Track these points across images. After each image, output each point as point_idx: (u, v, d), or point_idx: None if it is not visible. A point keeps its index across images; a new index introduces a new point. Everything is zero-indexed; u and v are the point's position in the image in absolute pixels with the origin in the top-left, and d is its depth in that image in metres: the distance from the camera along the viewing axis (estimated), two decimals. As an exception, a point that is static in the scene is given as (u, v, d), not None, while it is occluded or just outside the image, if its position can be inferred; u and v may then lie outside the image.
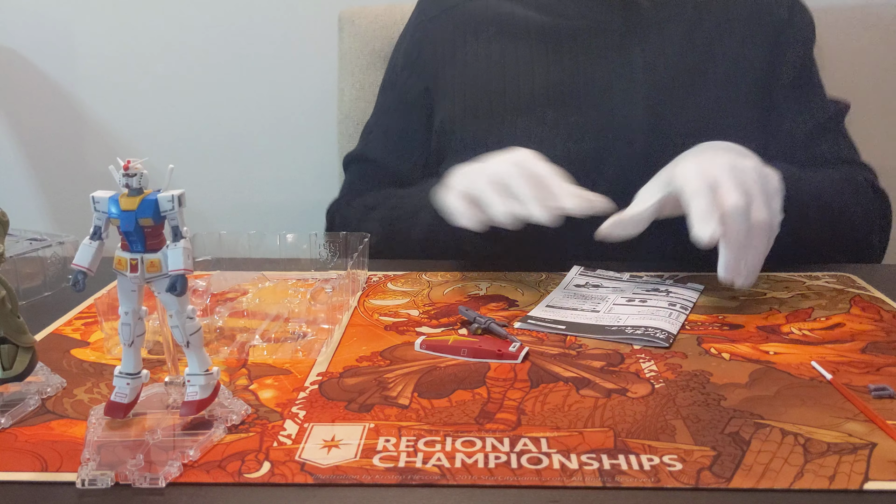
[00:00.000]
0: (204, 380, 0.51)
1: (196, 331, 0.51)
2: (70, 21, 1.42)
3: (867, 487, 0.45)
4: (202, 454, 0.49)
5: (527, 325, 0.67)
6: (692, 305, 0.72)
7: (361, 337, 0.68)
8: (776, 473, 0.46)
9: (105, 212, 0.49)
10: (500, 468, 0.47)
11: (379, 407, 0.55)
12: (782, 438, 0.50)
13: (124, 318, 0.51)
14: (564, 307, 0.71)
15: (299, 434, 0.51)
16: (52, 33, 1.42)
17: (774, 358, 0.63)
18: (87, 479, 0.46)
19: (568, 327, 0.67)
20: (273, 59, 1.42)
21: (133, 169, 0.49)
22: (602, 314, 0.69)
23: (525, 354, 0.62)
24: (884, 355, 0.63)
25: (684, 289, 0.76)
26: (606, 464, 0.48)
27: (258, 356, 0.64)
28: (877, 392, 0.56)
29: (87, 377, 0.61)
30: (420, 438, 0.51)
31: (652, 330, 0.65)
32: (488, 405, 0.55)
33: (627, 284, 0.77)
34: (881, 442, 0.50)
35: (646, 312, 0.69)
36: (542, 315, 0.69)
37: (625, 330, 0.65)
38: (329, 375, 0.61)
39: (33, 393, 0.57)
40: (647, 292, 0.74)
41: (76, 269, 0.49)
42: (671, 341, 0.64)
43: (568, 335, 0.66)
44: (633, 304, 0.71)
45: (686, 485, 0.46)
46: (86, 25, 1.42)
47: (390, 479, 0.46)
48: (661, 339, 0.64)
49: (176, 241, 0.49)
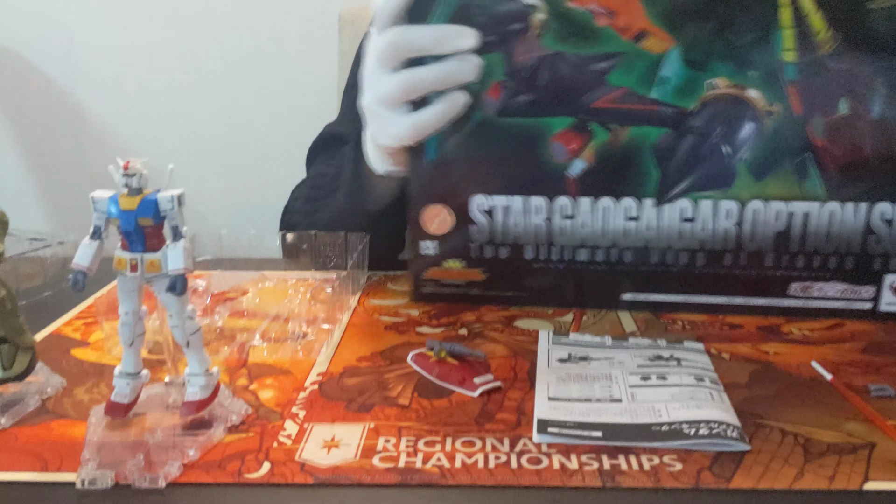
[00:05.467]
0: (204, 380, 0.51)
1: (196, 331, 0.51)
2: (70, 21, 1.42)
3: (867, 487, 0.45)
4: (202, 454, 0.49)
5: (551, 438, 0.51)
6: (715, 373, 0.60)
7: (361, 337, 0.68)
8: (776, 473, 0.46)
9: (105, 212, 0.49)
10: (500, 468, 0.47)
11: (379, 407, 0.55)
12: (782, 438, 0.50)
13: (124, 318, 0.51)
14: (572, 398, 0.56)
15: (299, 434, 0.51)
16: (52, 33, 1.42)
17: (774, 358, 0.63)
18: (87, 479, 0.46)
19: (605, 434, 0.51)
20: (273, 59, 1.42)
21: (133, 169, 0.49)
22: (628, 404, 0.55)
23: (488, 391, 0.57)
24: (884, 355, 0.63)
25: (688, 352, 0.64)
26: (606, 464, 0.48)
27: (258, 356, 0.64)
28: (877, 392, 0.56)
29: (87, 377, 0.61)
30: (420, 438, 0.51)
31: (716, 425, 0.51)
32: (488, 405, 0.55)
33: (619, 352, 0.64)
34: (881, 442, 0.50)
35: (682, 397, 0.55)
36: (559, 417, 0.53)
37: (681, 430, 0.51)
38: (329, 375, 0.61)
39: (33, 393, 0.57)
40: (653, 362, 0.62)
41: (76, 269, 0.49)
42: (747, 438, 0.51)
43: (608, 444, 0.50)
44: (652, 384, 0.58)
45: (686, 485, 0.46)
46: (86, 25, 1.42)
47: (390, 479, 0.46)
48: (734, 437, 0.50)
49: (176, 240, 0.49)
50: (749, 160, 0.66)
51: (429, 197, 0.72)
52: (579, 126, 0.67)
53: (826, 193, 0.66)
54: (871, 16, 0.63)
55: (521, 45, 0.66)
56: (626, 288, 0.72)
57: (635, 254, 0.71)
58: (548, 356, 0.63)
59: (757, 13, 0.64)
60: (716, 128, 0.66)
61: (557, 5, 0.65)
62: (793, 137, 0.66)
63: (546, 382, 0.58)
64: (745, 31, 0.64)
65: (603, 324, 0.70)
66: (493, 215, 0.71)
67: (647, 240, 0.70)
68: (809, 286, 0.69)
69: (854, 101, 0.64)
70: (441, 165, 0.70)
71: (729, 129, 0.66)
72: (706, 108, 0.66)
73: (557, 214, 0.70)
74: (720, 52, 0.64)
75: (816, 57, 0.64)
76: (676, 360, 0.62)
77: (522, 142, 0.68)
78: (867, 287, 0.69)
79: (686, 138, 0.66)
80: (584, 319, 0.72)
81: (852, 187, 0.66)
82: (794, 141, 0.66)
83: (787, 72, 0.64)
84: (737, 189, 0.67)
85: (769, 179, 0.67)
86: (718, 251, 0.69)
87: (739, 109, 0.65)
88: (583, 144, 0.68)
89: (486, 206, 0.71)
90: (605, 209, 0.69)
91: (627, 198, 0.69)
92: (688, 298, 0.72)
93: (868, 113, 0.64)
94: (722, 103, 0.65)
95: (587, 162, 0.68)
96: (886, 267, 0.68)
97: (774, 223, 0.68)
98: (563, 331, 0.69)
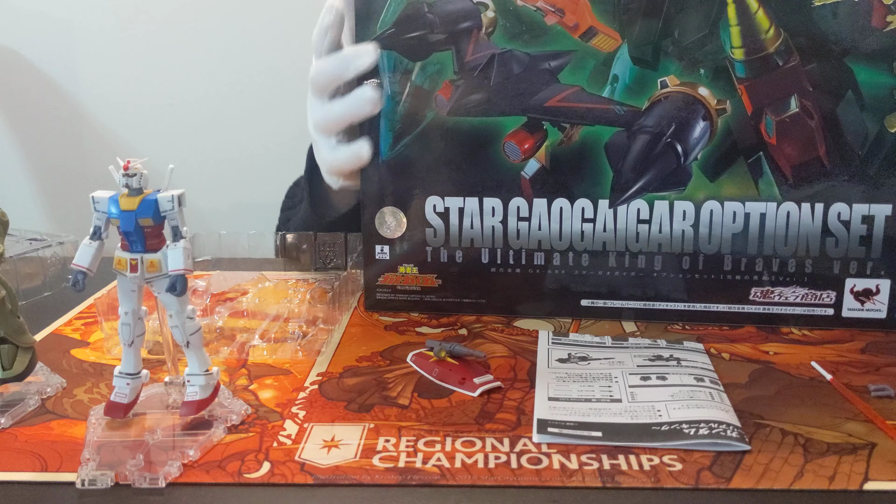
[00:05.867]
0: (204, 380, 0.51)
1: (196, 331, 0.51)
2: (70, 21, 1.42)
3: (867, 487, 0.45)
4: (202, 454, 0.49)
5: (551, 438, 0.51)
6: (715, 373, 0.60)
7: (361, 337, 0.68)
8: (776, 473, 0.46)
9: (105, 212, 0.49)
10: (499, 468, 0.47)
11: (379, 407, 0.55)
12: (782, 438, 0.50)
13: (124, 318, 0.51)
14: (572, 398, 0.56)
15: (299, 434, 0.51)
16: (52, 33, 1.43)
17: (774, 358, 0.63)
18: (87, 479, 0.46)
19: (605, 434, 0.51)
20: (273, 60, 1.42)
21: (133, 169, 0.49)
22: (628, 404, 0.55)
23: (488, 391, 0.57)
24: (884, 355, 0.63)
25: (688, 352, 0.64)
26: (606, 464, 0.48)
27: (258, 356, 0.64)
28: (877, 392, 0.56)
29: (87, 377, 0.61)
30: (420, 438, 0.51)
31: (716, 425, 0.51)
32: (488, 405, 0.55)
33: (619, 353, 0.64)
34: (881, 442, 0.50)
35: (682, 397, 0.55)
36: (559, 417, 0.53)
37: (681, 430, 0.51)
38: (329, 375, 0.61)
39: (33, 393, 0.57)
40: (653, 362, 0.61)
41: (76, 269, 0.49)
42: (747, 438, 0.50)
43: (607, 444, 0.50)
44: (652, 385, 0.58)
45: (686, 485, 0.46)
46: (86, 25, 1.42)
47: (390, 479, 0.46)
48: (734, 437, 0.50)
49: (176, 241, 0.49)
50: (702, 160, 0.66)
51: (382, 199, 0.70)
52: (532, 125, 0.67)
53: (781, 193, 0.66)
54: (816, 12, 0.62)
55: (471, 44, 0.66)
56: (584, 294, 0.71)
57: (593, 257, 0.69)
58: (547, 356, 0.63)
59: (704, 10, 0.63)
60: (668, 127, 0.65)
61: (507, 3, 0.65)
62: (745, 136, 0.65)
63: (546, 382, 0.58)
64: (693, 29, 0.63)
65: (603, 324, 0.70)
66: (448, 217, 0.70)
67: (603, 242, 0.69)
68: (770, 291, 0.68)
69: (803, 99, 0.64)
70: (394, 167, 0.69)
71: (681, 127, 0.65)
72: (658, 107, 0.65)
73: (513, 216, 0.69)
74: (669, 50, 0.64)
75: (764, 54, 0.63)
76: (676, 360, 0.61)
77: (476, 142, 0.67)
78: (828, 292, 0.67)
79: (639, 138, 0.66)
80: (583, 320, 0.72)
81: (807, 187, 0.65)
82: (746, 140, 0.65)
83: (736, 70, 0.64)
84: (692, 189, 0.66)
85: (723, 179, 0.66)
86: (676, 254, 0.68)
87: (691, 108, 0.65)
88: (536, 144, 0.67)
89: (441, 208, 0.70)
90: (561, 210, 0.68)
91: (583, 199, 0.68)
92: (647, 304, 0.70)
93: (817, 110, 0.64)
94: (673, 102, 0.65)
95: (540, 162, 0.67)
96: (847, 271, 0.67)
97: (731, 224, 0.67)
98: (563, 331, 0.69)
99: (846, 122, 0.64)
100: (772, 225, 0.66)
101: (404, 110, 0.68)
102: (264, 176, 1.49)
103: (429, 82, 0.67)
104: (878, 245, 0.66)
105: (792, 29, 0.63)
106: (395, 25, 0.66)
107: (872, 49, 0.62)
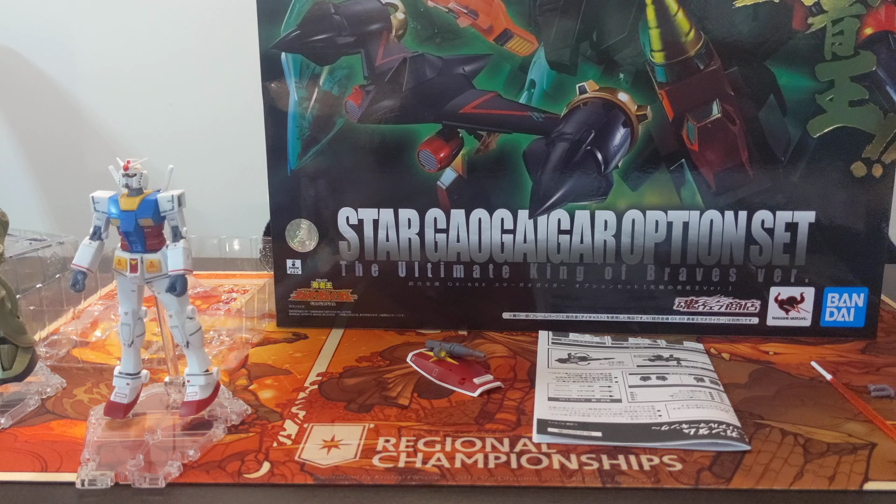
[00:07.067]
0: (204, 380, 0.51)
1: (196, 331, 0.51)
2: (70, 21, 1.42)
3: (867, 488, 0.45)
4: (202, 454, 0.49)
5: (551, 438, 0.51)
6: (715, 373, 0.60)
7: (361, 337, 0.68)
8: (776, 474, 0.46)
9: (105, 212, 0.49)
10: (499, 468, 0.47)
11: (379, 407, 0.55)
12: (782, 438, 0.50)
13: (124, 318, 0.51)
14: (572, 398, 0.56)
15: (299, 434, 0.51)
16: (52, 33, 1.42)
17: (774, 358, 0.63)
18: (87, 480, 0.46)
19: (605, 434, 0.51)
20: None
21: (133, 169, 0.49)
22: (628, 404, 0.55)
23: (488, 391, 0.57)
24: (884, 355, 0.63)
25: (688, 352, 0.64)
26: (606, 464, 0.48)
27: (258, 356, 0.64)
28: (877, 392, 0.56)
29: (87, 377, 0.61)
30: (420, 439, 0.51)
31: (716, 426, 0.51)
32: (488, 405, 0.55)
33: (619, 353, 0.64)
34: (881, 442, 0.50)
35: (682, 397, 0.55)
36: (559, 417, 0.53)
37: (681, 430, 0.51)
38: (329, 376, 0.61)
39: (33, 393, 0.57)
40: (653, 362, 0.61)
41: (76, 269, 0.49)
42: (747, 438, 0.50)
43: (607, 445, 0.50)
44: (652, 385, 0.58)
45: (686, 485, 0.46)
46: (86, 25, 1.42)
47: (390, 479, 0.46)
48: (734, 437, 0.50)
49: (176, 241, 0.49)
50: (623, 168, 0.64)
51: (291, 211, 0.67)
52: (447, 133, 0.64)
53: (704, 202, 0.64)
54: (737, 14, 0.61)
55: (381, 47, 0.63)
56: (505, 306, 0.69)
57: (513, 269, 0.67)
58: (547, 356, 0.63)
59: (623, 12, 0.61)
60: (588, 134, 0.63)
61: (417, 4, 0.62)
62: (666, 143, 0.63)
63: (546, 382, 0.58)
64: (612, 32, 0.61)
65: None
66: (362, 230, 0.67)
67: (524, 253, 0.67)
68: (694, 301, 0.66)
69: (725, 104, 0.62)
70: (303, 176, 0.67)
71: (601, 135, 0.63)
72: (577, 114, 0.63)
73: (430, 228, 0.66)
74: (587, 53, 0.62)
75: (685, 58, 0.61)
76: (676, 361, 0.61)
77: (389, 150, 0.65)
78: (752, 301, 0.66)
79: (558, 145, 0.64)
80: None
81: (730, 194, 0.64)
82: (668, 147, 0.63)
83: (657, 74, 0.62)
84: (613, 198, 0.65)
85: (645, 187, 0.64)
86: (598, 265, 0.66)
87: (611, 114, 0.63)
88: (452, 152, 0.65)
89: (354, 220, 0.67)
90: (480, 221, 0.66)
91: (502, 209, 0.66)
92: (570, 316, 0.68)
93: (739, 115, 0.62)
94: (593, 108, 0.63)
95: (457, 172, 0.65)
96: (771, 279, 0.66)
97: (654, 234, 0.65)
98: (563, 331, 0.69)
99: (769, 127, 0.62)
100: (695, 234, 0.65)
101: (312, 117, 0.65)
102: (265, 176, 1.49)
103: (337, 87, 0.64)
104: (802, 253, 0.64)
105: (712, 31, 0.61)
106: (300, 27, 0.63)
107: (793, 52, 0.61)
